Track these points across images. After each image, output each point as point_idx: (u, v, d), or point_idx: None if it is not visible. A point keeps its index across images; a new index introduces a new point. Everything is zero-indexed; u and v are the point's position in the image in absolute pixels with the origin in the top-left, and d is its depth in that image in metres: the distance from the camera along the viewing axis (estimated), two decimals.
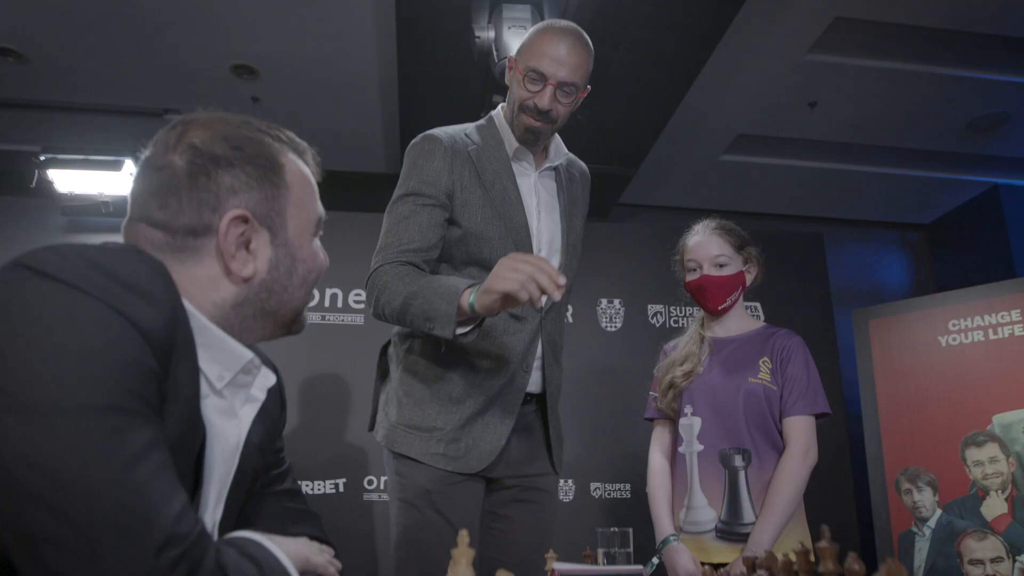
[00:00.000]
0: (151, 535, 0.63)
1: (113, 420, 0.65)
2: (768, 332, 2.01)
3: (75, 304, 0.67)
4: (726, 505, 1.85)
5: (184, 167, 0.86)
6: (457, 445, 1.63)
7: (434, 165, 1.67)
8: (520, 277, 1.31)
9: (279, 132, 0.97)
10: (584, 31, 1.75)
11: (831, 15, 3.11)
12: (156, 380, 0.70)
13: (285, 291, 0.93)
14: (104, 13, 3.00)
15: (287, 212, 0.92)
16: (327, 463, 3.14)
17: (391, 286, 1.54)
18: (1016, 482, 2.93)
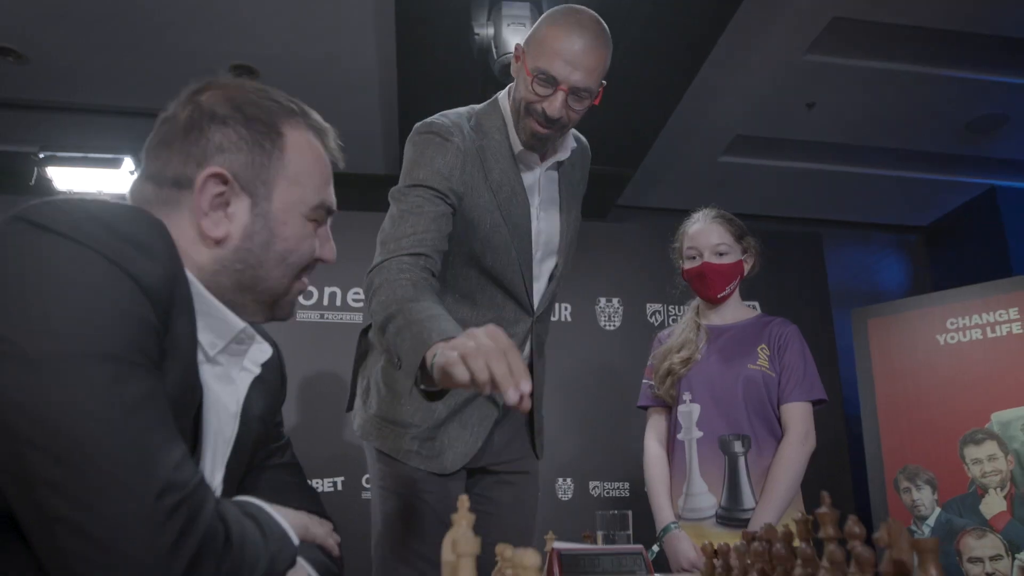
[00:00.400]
0: (150, 481, 0.63)
1: (112, 368, 0.65)
2: (764, 320, 2.02)
3: (74, 257, 0.67)
4: (726, 491, 1.86)
5: (183, 120, 0.87)
6: (432, 444, 1.57)
7: (446, 160, 1.51)
8: (477, 367, 1.00)
9: (298, 105, 0.94)
10: (601, 17, 1.55)
11: (829, 15, 3.13)
12: (155, 334, 0.70)
13: (261, 266, 0.89)
14: (104, 13, 3.01)
15: (275, 183, 0.89)
16: (326, 462, 3.13)
17: (383, 292, 1.36)
18: (1015, 480, 2.93)
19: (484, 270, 1.59)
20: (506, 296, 1.63)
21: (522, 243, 1.62)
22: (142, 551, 0.61)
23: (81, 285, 0.66)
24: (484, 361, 0.98)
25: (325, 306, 3.36)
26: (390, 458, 1.58)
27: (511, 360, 0.99)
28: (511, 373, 0.98)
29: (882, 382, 3.36)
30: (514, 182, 1.60)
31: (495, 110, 1.64)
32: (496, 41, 2.65)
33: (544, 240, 1.69)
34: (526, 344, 1.68)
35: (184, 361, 0.76)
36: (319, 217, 0.94)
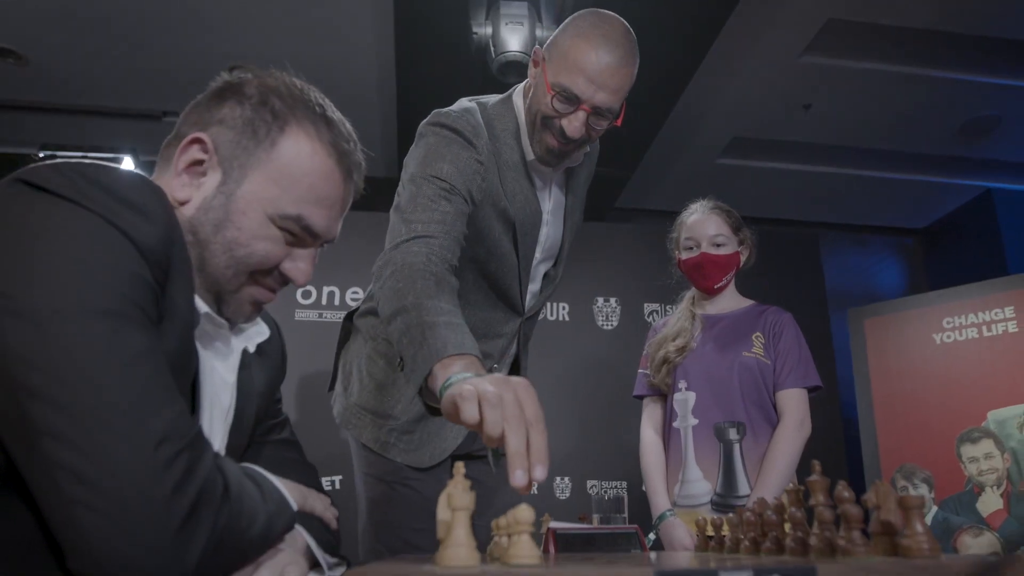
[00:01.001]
0: (150, 429, 0.64)
1: (112, 323, 0.66)
2: (759, 309, 2.04)
3: (72, 217, 0.68)
4: (721, 478, 1.87)
5: (216, 89, 0.89)
6: (411, 437, 1.52)
7: (469, 166, 1.41)
8: (491, 419, 0.85)
9: (326, 117, 0.90)
10: (628, 26, 1.41)
11: (824, 17, 3.15)
12: (153, 293, 0.71)
13: (207, 245, 0.85)
14: (104, 15, 3.03)
15: (252, 171, 0.86)
16: (324, 460, 3.11)
17: (400, 277, 1.21)
18: (1011, 478, 2.94)
19: (483, 273, 1.57)
20: (499, 297, 1.62)
21: (527, 251, 1.57)
22: (141, 498, 0.62)
23: (80, 244, 0.67)
24: (501, 419, 0.84)
25: (324, 305, 3.37)
26: (370, 449, 1.56)
27: (533, 436, 0.83)
28: (526, 452, 0.82)
29: (879, 381, 3.37)
30: (527, 191, 1.52)
31: (508, 111, 1.53)
32: (494, 40, 2.67)
33: (548, 246, 1.66)
34: (514, 342, 1.67)
35: (181, 325, 0.77)
36: (291, 229, 0.88)
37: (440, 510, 0.63)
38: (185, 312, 0.77)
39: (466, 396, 0.87)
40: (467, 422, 0.87)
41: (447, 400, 0.93)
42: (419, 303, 1.13)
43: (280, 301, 3.52)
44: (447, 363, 1.00)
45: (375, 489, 1.56)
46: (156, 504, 0.62)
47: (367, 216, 3.22)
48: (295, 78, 0.93)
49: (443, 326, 1.08)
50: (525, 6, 2.68)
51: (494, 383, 0.88)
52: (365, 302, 1.65)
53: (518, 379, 0.90)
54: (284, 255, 0.90)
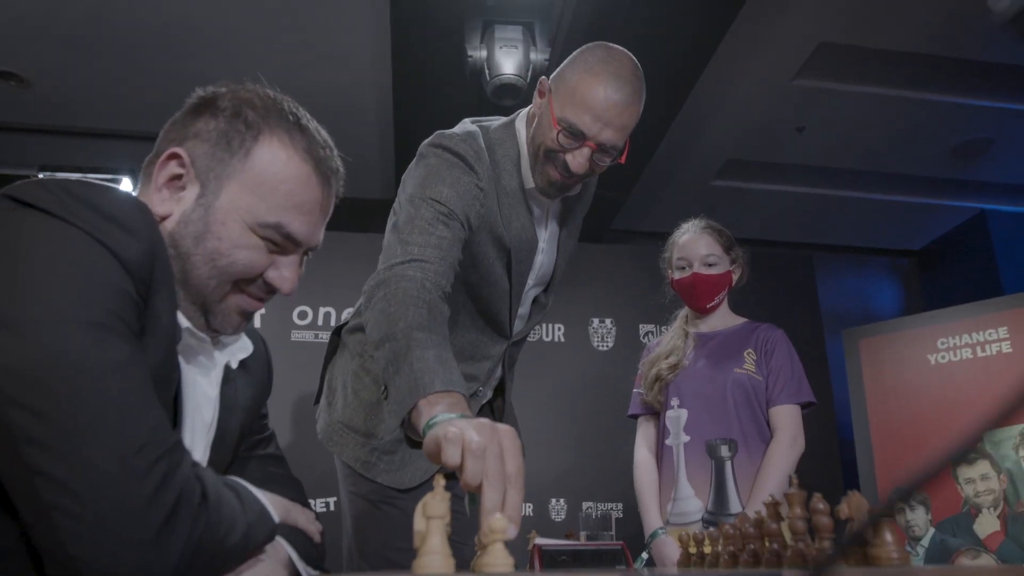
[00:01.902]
0: (129, 437, 0.65)
1: (94, 334, 0.67)
2: (751, 326, 2.05)
3: (57, 232, 0.70)
4: (712, 495, 1.86)
5: (192, 105, 0.91)
6: (392, 457, 1.50)
7: (470, 191, 1.39)
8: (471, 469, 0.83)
9: (300, 124, 0.91)
10: (637, 62, 1.41)
11: (815, 40, 3.19)
12: (136, 307, 0.73)
13: (189, 258, 0.86)
14: (105, 38, 3.07)
15: (228, 181, 0.87)
16: (318, 482, 3.12)
17: (392, 301, 1.17)
18: (1008, 499, 2.93)
19: (474, 297, 1.55)
20: (487, 321, 1.61)
21: (520, 277, 1.56)
22: (119, 504, 0.63)
23: (64, 258, 0.69)
24: (481, 471, 0.82)
25: (320, 326, 3.38)
26: (353, 468, 1.55)
27: (510, 493, 0.82)
28: (501, 507, 0.80)
29: (874, 402, 3.37)
30: (524, 219, 1.51)
31: (510, 137, 1.51)
32: (489, 63, 2.71)
33: (540, 273, 1.65)
34: (499, 365, 1.66)
35: (164, 340, 0.78)
36: (272, 237, 0.89)
37: (416, 520, 0.64)
38: (168, 327, 0.78)
39: (450, 439, 0.85)
40: (447, 464, 0.85)
41: (430, 439, 0.91)
42: (409, 332, 1.10)
43: (276, 322, 3.55)
44: (433, 400, 0.98)
45: (359, 507, 1.55)
46: (134, 510, 0.63)
47: (364, 237, 3.25)
48: (268, 89, 0.94)
49: (432, 359, 1.05)
50: (519, 30, 2.72)
51: (480, 431, 0.85)
52: (354, 317, 1.64)
53: (504, 428, 0.88)
54: (267, 263, 0.90)
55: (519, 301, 1.61)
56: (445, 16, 2.80)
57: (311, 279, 2.31)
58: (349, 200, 2.77)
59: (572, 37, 2.82)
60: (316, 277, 3.12)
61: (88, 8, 2.90)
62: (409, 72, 3.14)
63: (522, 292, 1.61)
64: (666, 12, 2.80)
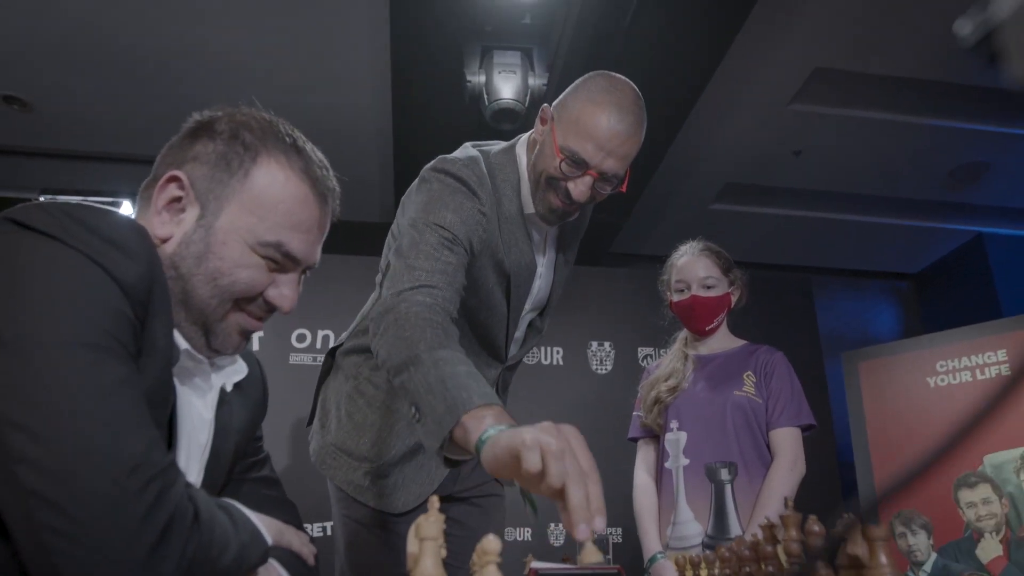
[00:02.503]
0: (122, 458, 0.65)
1: (90, 355, 0.68)
2: (751, 348, 2.04)
3: (56, 254, 0.71)
4: (712, 519, 1.85)
5: (189, 129, 0.93)
6: (384, 482, 1.49)
7: (473, 216, 1.39)
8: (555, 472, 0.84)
9: (297, 146, 0.93)
10: (639, 92, 1.42)
11: (811, 65, 3.23)
12: (132, 328, 0.73)
13: (190, 278, 0.87)
14: (108, 62, 3.10)
15: (228, 202, 0.89)
16: (315, 506, 3.09)
17: (405, 326, 1.15)
18: (1010, 523, 2.90)
19: (471, 321, 1.55)
20: (483, 345, 1.60)
21: (518, 302, 1.56)
22: (111, 524, 0.63)
23: (62, 280, 0.70)
24: (564, 472, 0.83)
25: (318, 349, 3.37)
26: (344, 491, 1.53)
27: (591, 488, 0.85)
28: (588, 504, 0.83)
29: (874, 425, 3.35)
30: (524, 244, 1.51)
31: (511, 162, 1.51)
32: (488, 88, 2.74)
33: (538, 298, 1.65)
34: (493, 390, 1.64)
35: (160, 361, 0.78)
36: (272, 256, 0.90)
37: (409, 542, 0.63)
38: (164, 348, 0.79)
39: (529, 445, 0.85)
40: (528, 472, 0.85)
41: (503, 450, 0.89)
42: (433, 352, 1.09)
43: (275, 344, 3.54)
44: (476, 415, 0.97)
45: (352, 531, 1.54)
46: (126, 531, 0.63)
47: (363, 260, 3.26)
48: (264, 112, 0.96)
49: (464, 375, 1.05)
50: (518, 55, 2.76)
51: (550, 433, 0.86)
52: (350, 339, 1.63)
53: (569, 428, 0.90)
54: (268, 282, 0.91)
55: (516, 326, 1.61)
56: (444, 41, 2.83)
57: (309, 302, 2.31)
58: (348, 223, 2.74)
59: (570, 63, 2.86)
60: (315, 300, 3.12)
61: (91, 32, 2.94)
62: (408, 96, 3.17)
63: (519, 317, 1.61)
64: (664, 38, 2.84)
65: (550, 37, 2.89)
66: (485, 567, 0.61)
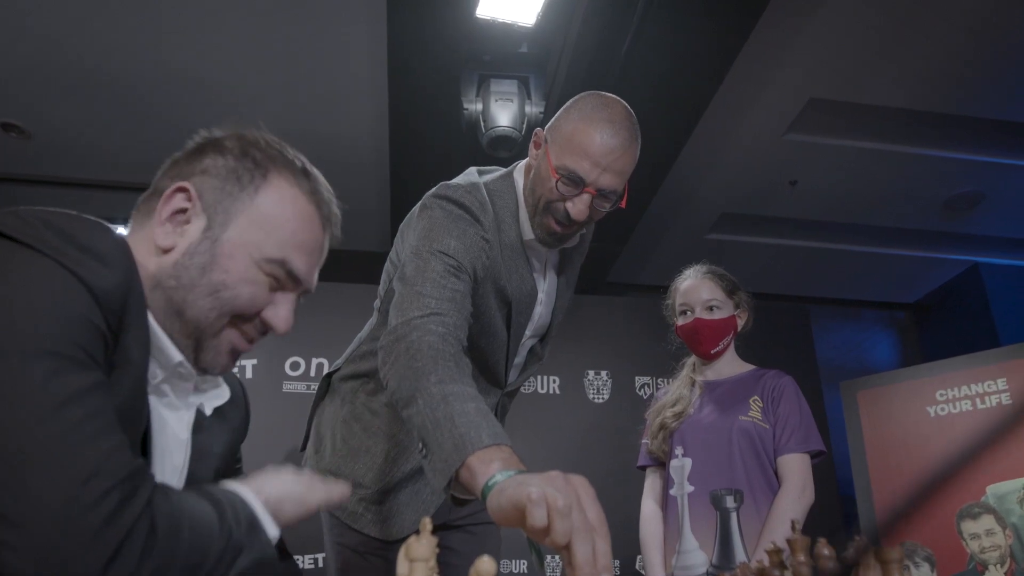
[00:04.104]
0: (76, 467, 0.63)
1: (51, 363, 0.66)
2: (758, 373, 2.01)
3: (27, 261, 0.69)
4: (718, 547, 1.80)
5: (195, 145, 0.92)
6: (379, 508, 1.45)
7: (476, 243, 1.37)
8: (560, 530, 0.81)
9: (305, 168, 0.94)
10: (630, 109, 1.42)
11: (806, 96, 3.26)
12: (103, 339, 0.71)
13: (191, 289, 0.85)
14: (106, 91, 3.12)
15: (236, 216, 0.88)
16: (306, 537, 3.04)
17: (416, 356, 1.13)
18: (1015, 555, 2.85)
19: (471, 347, 1.48)
20: (482, 371, 1.57)
21: (518, 329, 1.54)
22: (65, 535, 0.60)
23: (31, 287, 0.68)
24: (570, 529, 0.80)
25: (312, 377, 3.34)
26: (337, 518, 1.50)
27: (598, 544, 0.81)
28: (594, 560, 0.79)
29: (874, 455, 3.32)
30: (524, 271, 1.49)
31: (508, 189, 1.49)
32: (484, 116, 2.75)
33: (538, 325, 1.62)
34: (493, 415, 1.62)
35: (135, 377, 0.76)
36: (275, 273, 0.89)
37: (399, 564, 0.60)
38: (138, 363, 0.77)
39: (535, 500, 0.81)
40: (533, 527, 0.82)
41: (508, 503, 0.86)
42: (443, 386, 1.06)
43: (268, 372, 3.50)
44: (485, 457, 0.95)
45: (345, 558, 1.50)
46: (80, 542, 0.60)
47: (359, 288, 3.24)
48: (269, 134, 0.96)
49: (473, 412, 1.02)
50: (515, 84, 2.78)
51: (558, 486, 0.84)
52: (347, 364, 1.61)
53: (577, 478, 0.87)
54: (268, 301, 0.90)
55: (516, 352, 1.59)
56: (442, 69, 2.85)
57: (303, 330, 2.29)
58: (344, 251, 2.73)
59: (566, 91, 2.88)
60: (309, 327, 3.10)
61: (89, 60, 2.95)
62: (405, 124, 3.18)
63: (519, 343, 1.59)
64: (660, 68, 2.86)
65: (547, 66, 2.91)
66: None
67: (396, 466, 1.47)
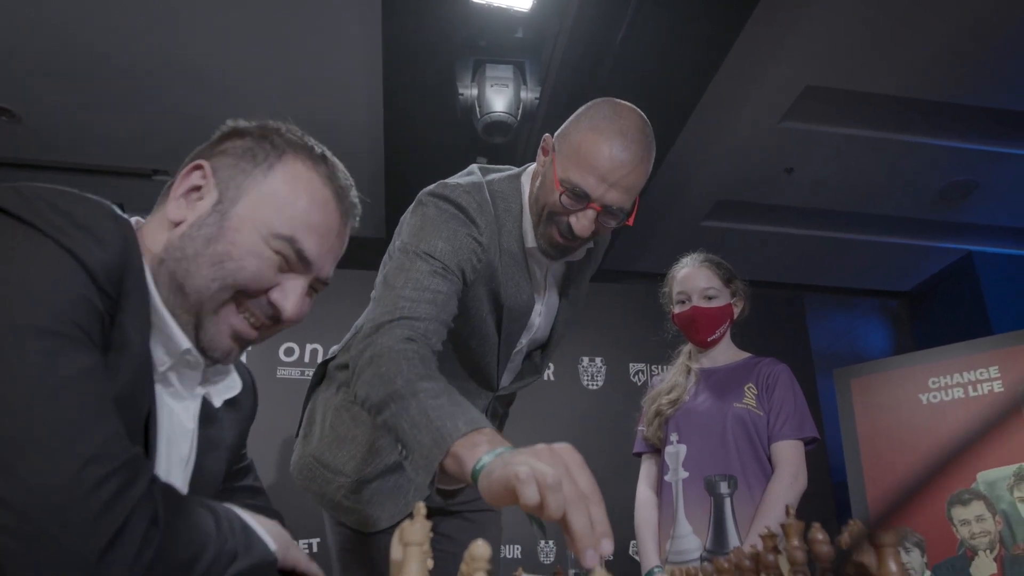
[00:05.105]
0: (75, 450, 0.62)
1: (50, 342, 0.65)
2: (754, 361, 2.02)
3: (24, 238, 0.68)
4: (711, 533, 1.82)
5: (221, 133, 0.94)
6: (357, 497, 1.42)
7: (463, 236, 1.32)
8: (554, 503, 0.79)
9: (325, 156, 0.94)
10: (645, 118, 1.33)
11: (802, 84, 3.24)
12: (99, 319, 0.70)
13: (195, 258, 0.84)
14: (98, 74, 3.08)
15: (247, 192, 0.87)
16: (301, 522, 3.04)
17: (383, 362, 1.11)
18: (1004, 541, 2.88)
19: (460, 346, 1.49)
20: (472, 372, 1.54)
21: (510, 336, 1.50)
22: (61, 521, 0.59)
23: (26, 264, 0.67)
24: (563, 501, 0.79)
25: (307, 363, 3.33)
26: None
27: (593, 511, 0.80)
28: (592, 528, 0.78)
29: (866, 442, 3.33)
30: (520, 280, 1.43)
31: (514, 194, 1.43)
32: (480, 101, 2.74)
33: (535, 337, 1.57)
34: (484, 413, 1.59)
35: (135, 362, 0.75)
36: (283, 251, 0.87)
37: (393, 548, 0.60)
38: (137, 346, 0.76)
39: (524, 479, 0.80)
40: (527, 505, 0.81)
41: (497, 484, 0.85)
42: (412, 385, 1.05)
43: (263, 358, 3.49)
44: (468, 442, 0.93)
45: (344, 536, 1.50)
46: (77, 527, 0.60)
47: (353, 274, 3.23)
48: (295, 127, 0.97)
49: (447, 404, 1.00)
50: (510, 69, 2.76)
51: (545, 459, 0.83)
52: (343, 353, 1.58)
53: (563, 446, 0.85)
54: (274, 281, 0.88)
55: (508, 358, 1.55)
56: (437, 55, 2.83)
57: None
58: None
59: (562, 77, 2.86)
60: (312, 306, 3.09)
61: (80, 44, 2.92)
62: (401, 109, 3.16)
63: (511, 351, 1.55)
64: (655, 55, 2.84)
65: (542, 51, 2.89)
66: (474, 575, 0.58)
67: (379, 457, 1.45)
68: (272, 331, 0.93)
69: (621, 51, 2.78)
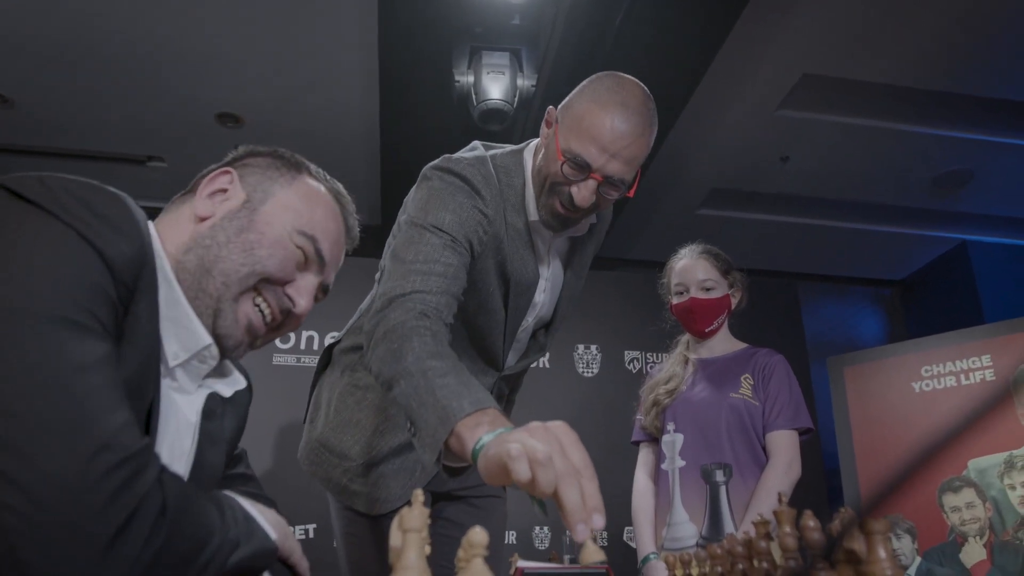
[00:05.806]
0: (87, 438, 0.63)
1: (65, 330, 0.66)
2: (751, 351, 2.04)
3: (44, 226, 0.69)
4: (707, 520, 1.84)
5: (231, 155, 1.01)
6: (363, 481, 1.44)
7: (473, 216, 1.34)
8: (544, 479, 0.80)
9: (335, 185, 1.05)
10: (648, 92, 1.36)
11: (799, 72, 3.24)
12: (113, 308, 0.71)
13: (226, 244, 0.89)
14: (91, 59, 3.06)
15: (272, 196, 0.96)
16: (297, 507, 3.06)
17: (395, 338, 1.13)
18: (994, 527, 2.91)
19: (468, 323, 1.50)
20: (479, 351, 1.55)
21: (517, 311, 1.51)
22: (72, 506, 0.60)
23: (45, 252, 0.68)
24: (554, 477, 0.80)
25: (302, 350, 3.34)
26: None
27: (585, 485, 0.81)
28: (584, 503, 0.79)
29: (859, 430, 3.36)
30: (525, 253, 1.45)
31: (517, 167, 1.45)
32: (476, 88, 2.73)
33: (541, 314, 1.58)
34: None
35: (144, 352, 0.76)
36: (305, 248, 0.95)
37: (392, 535, 0.61)
38: (148, 338, 0.77)
39: (515, 456, 0.82)
40: (519, 482, 0.82)
41: (491, 462, 0.87)
42: (421, 363, 1.07)
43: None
44: (470, 423, 0.96)
45: (348, 520, 1.50)
46: (87, 514, 0.60)
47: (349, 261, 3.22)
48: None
49: (454, 383, 1.02)
50: (507, 56, 2.75)
51: (538, 436, 0.84)
52: (347, 337, 1.59)
53: (557, 424, 0.87)
54: (293, 276, 0.95)
55: (514, 335, 1.56)
56: (433, 42, 2.82)
57: None
58: None
59: (559, 64, 2.85)
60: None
61: (72, 28, 2.90)
62: (396, 96, 3.15)
63: (518, 327, 1.55)
64: (653, 41, 2.84)
65: (539, 38, 2.88)
66: (471, 561, 0.59)
67: (384, 439, 1.46)
68: (274, 335, 0.99)
69: (617, 38, 2.77)
